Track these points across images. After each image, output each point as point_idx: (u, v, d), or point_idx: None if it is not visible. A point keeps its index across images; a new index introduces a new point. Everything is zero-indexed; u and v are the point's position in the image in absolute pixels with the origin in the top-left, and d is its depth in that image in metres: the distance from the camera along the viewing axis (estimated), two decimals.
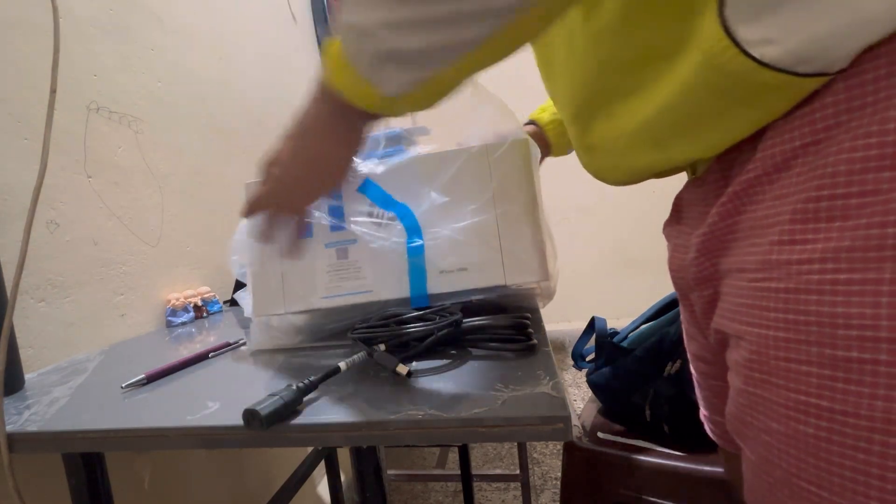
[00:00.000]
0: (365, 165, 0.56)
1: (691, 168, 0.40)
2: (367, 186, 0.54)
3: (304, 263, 0.53)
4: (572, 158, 0.78)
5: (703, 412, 0.52)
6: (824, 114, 0.26)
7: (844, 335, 0.24)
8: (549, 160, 0.81)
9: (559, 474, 0.75)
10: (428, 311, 0.48)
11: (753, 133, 0.30)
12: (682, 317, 0.52)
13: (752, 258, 0.30)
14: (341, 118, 0.39)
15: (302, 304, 0.53)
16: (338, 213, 0.54)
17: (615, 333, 0.82)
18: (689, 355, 0.53)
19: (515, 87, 1.01)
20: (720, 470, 0.62)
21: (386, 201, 0.53)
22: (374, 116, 0.39)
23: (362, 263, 0.52)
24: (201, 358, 0.53)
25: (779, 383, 0.28)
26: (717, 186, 0.35)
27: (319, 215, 0.54)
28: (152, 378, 0.47)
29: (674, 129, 0.33)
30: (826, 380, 0.25)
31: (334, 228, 0.53)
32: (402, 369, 0.39)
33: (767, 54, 0.25)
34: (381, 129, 0.58)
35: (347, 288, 0.52)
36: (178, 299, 0.82)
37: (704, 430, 0.53)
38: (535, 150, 0.59)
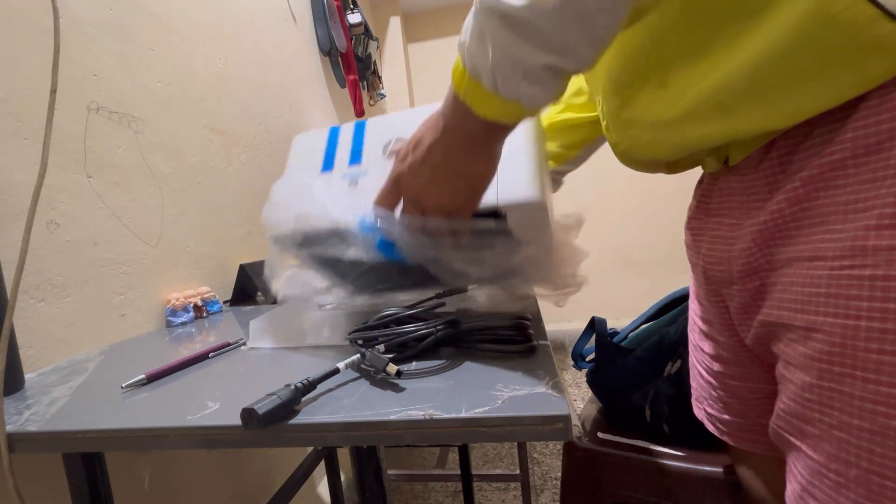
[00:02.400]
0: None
1: (717, 158, 0.39)
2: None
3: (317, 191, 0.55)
4: None
5: (706, 411, 0.51)
6: None
7: None
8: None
9: (559, 474, 0.75)
10: (427, 311, 0.47)
11: (825, 113, 0.29)
12: (699, 314, 0.49)
13: (832, 245, 0.28)
14: (485, 135, 0.38)
15: (310, 223, 0.51)
16: (358, 148, 0.59)
17: (615, 333, 0.82)
18: (698, 355, 0.51)
19: None
20: (720, 470, 0.62)
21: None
22: (513, 126, 0.38)
23: (369, 192, 0.50)
24: (201, 358, 0.53)
25: (866, 376, 0.26)
26: (773, 173, 0.33)
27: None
28: (152, 378, 0.47)
29: (750, 93, 0.30)
30: None
31: (353, 162, 0.57)
32: (392, 369, 0.38)
33: (892, 1, 0.23)
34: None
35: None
36: (178, 299, 0.82)
37: (705, 430, 0.53)
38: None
